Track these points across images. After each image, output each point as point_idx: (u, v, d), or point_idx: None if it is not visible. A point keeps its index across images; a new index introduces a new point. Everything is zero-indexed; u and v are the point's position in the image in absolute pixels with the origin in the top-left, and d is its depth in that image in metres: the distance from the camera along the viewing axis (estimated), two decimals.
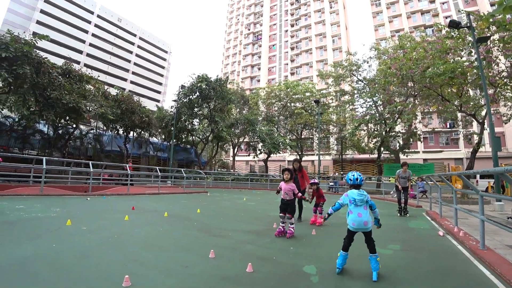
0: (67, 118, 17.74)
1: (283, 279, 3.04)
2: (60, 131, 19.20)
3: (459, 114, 20.70)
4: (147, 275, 2.99)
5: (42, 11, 51.09)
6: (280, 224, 5.22)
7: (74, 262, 3.31)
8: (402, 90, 20.76)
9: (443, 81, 14.84)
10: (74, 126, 19.08)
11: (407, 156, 22.69)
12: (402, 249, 4.52)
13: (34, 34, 14.54)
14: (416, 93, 19.92)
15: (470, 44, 14.20)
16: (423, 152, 38.45)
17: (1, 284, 2.63)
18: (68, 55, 19.03)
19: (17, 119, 17.59)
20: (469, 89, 17.26)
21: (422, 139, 25.91)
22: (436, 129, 32.81)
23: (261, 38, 64.19)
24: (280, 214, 5.18)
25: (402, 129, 26.21)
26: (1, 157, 7.73)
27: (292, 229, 5.10)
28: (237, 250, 4.18)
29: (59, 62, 17.66)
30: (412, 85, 19.68)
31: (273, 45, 62.30)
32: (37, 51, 14.72)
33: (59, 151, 19.15)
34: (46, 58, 15.27)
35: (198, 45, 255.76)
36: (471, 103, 16.20)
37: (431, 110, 22.88)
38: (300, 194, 5.30)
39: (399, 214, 8.51)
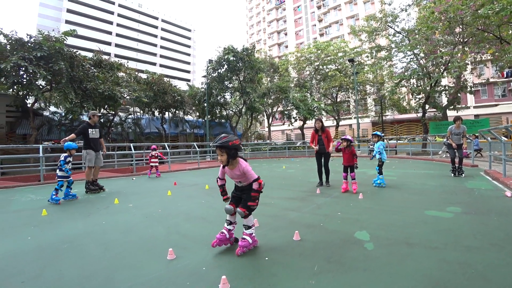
0: (106, 106, 18.73)
1: (335, 247, 2.79)
2: (102, 120, 20.34)
3: None
4: (191, 247, 2.94)
5: (68, 10, 53.03)
6: (225, 225, 2.89)
7: (120, 237, 3.39)
8: (448, 38, 18.31)
9: (502, 20, 12.72)
10: (113, 113, 20.07)
11: (457, 112, 20.59)
12: (464, 212, 3.98)
13: (64, 33, 15.17)
14: (466, 40, 17.44)
15: None
16: (474, 107, 34.69)
17: (53, 259, 2.75)
18: (99, 48, 19.81)
19: (63, 114, 18.98)
20: None
21: (473, 92, 23.00)
22: (490, 79, 29.13)
23: (284, 1, 60.51)
24: (227, 206, 2.82)
25: (450, 83, 23.63)
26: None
27: (248, 238, 2.74)
28: (282, 217, 4.01)
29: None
30: (460, 30, 17.23)
31: (298, 7, 58.29)
32: (71, 49, 15.40)
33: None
34: (78, 52, 15.98)
35: (221, 20, 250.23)
36: None
37: (483, 58, 20.00)
38: (257, 187, 2.69)
39: (453, 174, 7.71)
